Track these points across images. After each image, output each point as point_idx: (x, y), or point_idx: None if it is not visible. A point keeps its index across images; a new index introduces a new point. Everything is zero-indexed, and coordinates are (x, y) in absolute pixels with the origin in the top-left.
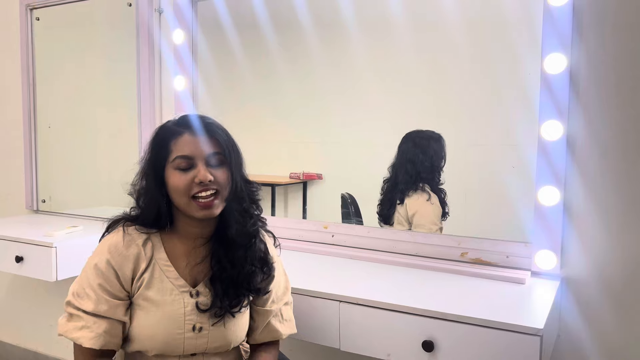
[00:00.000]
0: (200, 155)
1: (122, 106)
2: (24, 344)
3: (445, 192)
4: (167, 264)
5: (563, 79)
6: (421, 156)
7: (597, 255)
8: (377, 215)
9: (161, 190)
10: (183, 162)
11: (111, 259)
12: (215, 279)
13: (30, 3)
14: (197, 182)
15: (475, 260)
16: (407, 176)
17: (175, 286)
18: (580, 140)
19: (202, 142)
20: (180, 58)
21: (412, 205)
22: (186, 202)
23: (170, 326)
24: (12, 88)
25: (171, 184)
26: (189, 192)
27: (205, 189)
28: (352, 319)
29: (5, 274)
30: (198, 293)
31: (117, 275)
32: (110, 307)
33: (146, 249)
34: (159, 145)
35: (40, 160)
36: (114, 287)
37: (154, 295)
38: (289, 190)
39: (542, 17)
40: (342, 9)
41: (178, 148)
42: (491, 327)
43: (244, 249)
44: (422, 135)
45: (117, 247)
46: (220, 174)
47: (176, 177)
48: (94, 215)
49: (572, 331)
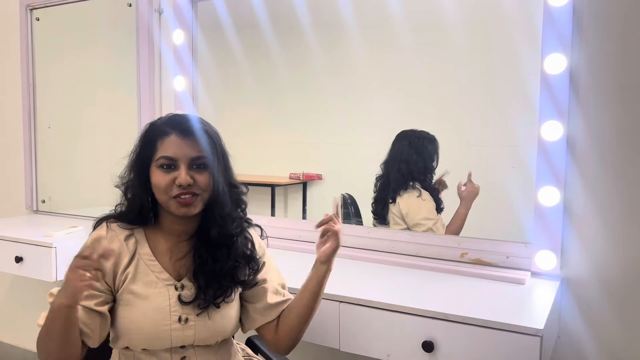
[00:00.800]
0: (183, 158)
1: (121, 106)
2: (23, 344)
3: (438, 189)
4: (151, 259)
5: (563, 79)
6: (415, 157)
7: (597, 256)
8: (372, 214)
9: (146, 186)
10: (166, 162)
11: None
12: (198, 272)
13: (30, 3)
14: (177, 184)
15: (475, 261)
16: (400, 175)
17: (159, 279)
18: (580, 140)
19: (186, 145)
20: (180, 58)
21: (404, 204)
22: (166, 200)
23: (157, 318)
24: (12, 88)
25: (154, 182)
26: (169, 192)
27: (184, 193)
28: (352, 320)
29: (5, 274)
30: (183, 286)
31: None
32: (87, 296)
33: (129, 244)
34: (146, 142)
35: (40, 161)
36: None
37: (139, 288)
38: (288, 191)
39: (542, 17)
40: (342, 10)
41: (163, 148)
42: (491, 327)
43: (227, 247)
44: (418, 135)
45: (100, 241)
46: (201, 178)
47: (159, 175)
48: (93, 215)
49: (572, 331)
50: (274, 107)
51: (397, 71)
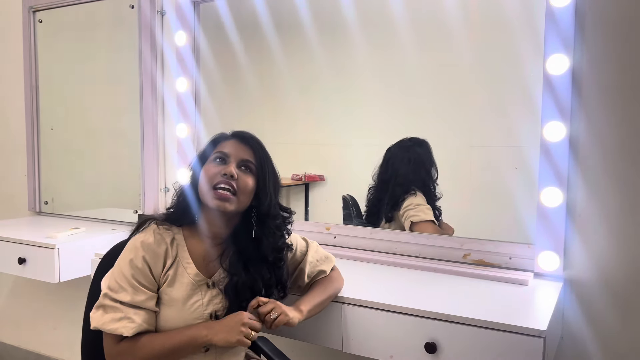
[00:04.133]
0: (235, 156)
1: (124, 108)
2: (26, 345)
3: (433, 190)
4: (188, 262)
5: (565, 79)
6: (411, 176)
7: (601, 257)
8: (365, 221)
9: (196, 185)
10: (219, 156)
11: (146, 255)
12: (233, 288)
13: (33, 5)
14: (222, 173)
15: (478, 262)
16: (394, 195)
17: (194, 281)
18: (583, 141)
19: (241, 148)
20: (182, 60)
21: (400, 217)
22: (207, 190)
23: (191, 317)
24: (14, 90)
25: (203, 173)
26: (212, 180)
27: (226, 183)
28: (354, 321)
29: (8, 276)
30: (214, 283)
31: (150, 270)
32: (147, 298)
33: (173, 248)
34: (209, 145)
35: (43, 162)
36: (148, 281)
37: (176, 290)
38: (291, 192)
39: (545, 18)
40: (344, 11)
41: (221, 146)
42: (494, 328)
43: (271, 267)
44: (405, 144)
45: (150, 244)
46: (245, 178)
47: (210, 166)
48: (96, 217)
49: (575, 333)
50: (276, 108)
51: (400, 72)
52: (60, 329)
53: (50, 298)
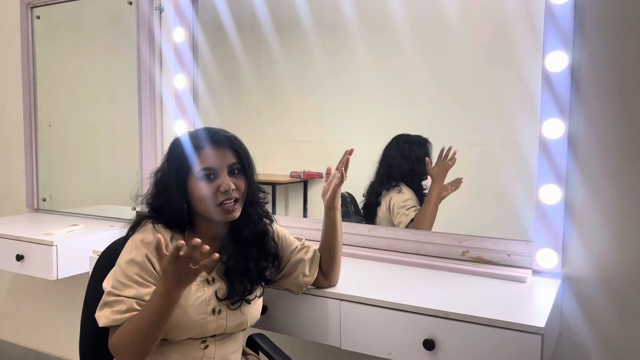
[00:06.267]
0: (222, 166)
1: (122, 104)
2: (24, 342)
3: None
4: None
5: (564, 77)
6: (399, 159)
7: (599, 254)
8: (363, 219)
9: (183, 199)
10: (208, 173)
11: (148, 253)
12: (230, 272)
13: (31, 1)
14: (222, 191)
15: (476, 259)
16: (384, 176)
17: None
18: (582, 138)
19: (221, 154)
20: (180, 56)
21: (385, 203)
22: (211, 209)
23: (194, 313)
24: (12, 86)
25: (197, 194)
26: (215, 201)
27: (228, 199)
28: (353, 318)
29: (6, 273)
30: (214, 279)
31: (153, 266)
32: (150, 292)
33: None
34: (179, 159)
35: (41, 159)
36: (152, 276)
37: None
38: (289, 189)
39: (544, 15)
40: (342, 9)
41: (202, 161)
42: (492, 325)
43: (257, 246)
44: (406, 139)
45: (150, 242)
46: (240, 183)
47: (202, 187)
48: (94, 213)
49: (573, 330)
50: (274, 104)
51: (398, 69)
52: (59, 326)
53: (49, 295)
